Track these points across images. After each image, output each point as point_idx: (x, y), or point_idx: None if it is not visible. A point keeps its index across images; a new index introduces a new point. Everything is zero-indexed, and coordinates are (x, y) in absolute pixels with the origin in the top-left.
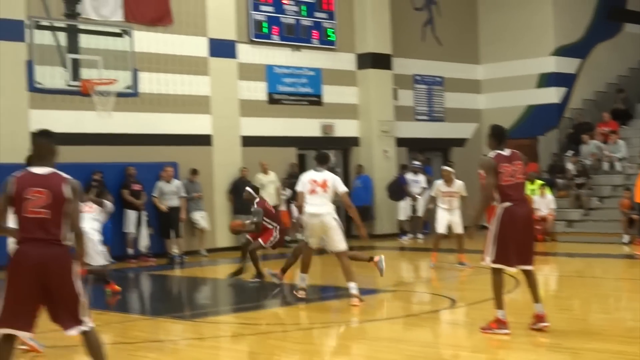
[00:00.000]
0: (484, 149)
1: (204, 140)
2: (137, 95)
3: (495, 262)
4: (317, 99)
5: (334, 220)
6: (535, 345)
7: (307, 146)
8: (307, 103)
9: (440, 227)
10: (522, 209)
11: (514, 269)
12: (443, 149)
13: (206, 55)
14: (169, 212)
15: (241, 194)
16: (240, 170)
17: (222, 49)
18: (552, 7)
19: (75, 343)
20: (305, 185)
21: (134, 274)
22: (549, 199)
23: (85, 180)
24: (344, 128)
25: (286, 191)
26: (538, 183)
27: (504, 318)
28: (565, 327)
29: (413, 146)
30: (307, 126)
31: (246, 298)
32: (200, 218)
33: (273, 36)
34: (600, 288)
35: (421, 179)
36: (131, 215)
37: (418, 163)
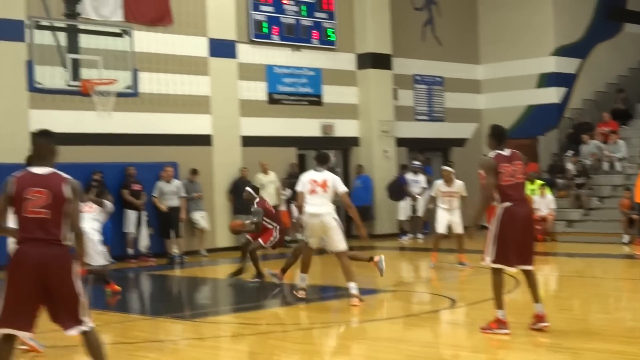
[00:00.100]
0: (484, 149)
1: (204, 140)
2: (137, 95)
3: (495, 262)
4: (317, 99)
5: (334, 220)
6: (535, 345)
7: (307, 146)
8: (307, 103)
9: (440, 227)
10: (522, 209)
11: (514, 269)
12: (443, 149)
13: (206, 55)
14: (169, 212)
15: (241, 194)
16: (240, 170)
17: (222, 49)
18: (552, 7)
19: (75, 343)
20: (305, 186)
21: (134, 274)
22: (549, 199)
23: (85, 180)
24: (344, 128)
25: (286, 191)
26: (538, 183)
27: (504, 318)
28: (565, 327)
29: (413, 146)
30: (307, 126)
31: (246, 298)
32: (200, 218)
33: (273, 36)
34: (600, 288)
35: (421, 179)
36: (131, 215)
37: (418, 163)
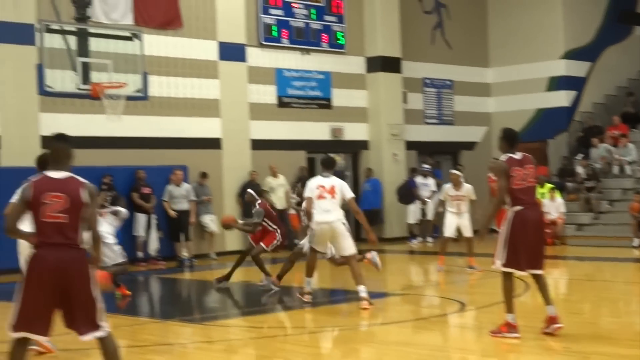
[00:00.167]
0: (494, 153)
1: (213, 143)
2: (147, 99)
3: (506, 266)
4: (327, 102)
5: (343, 225)
6: (545, 349)
7: (317, 149)
8: (317, 106)
9: (448, 231)
10: (533, 212)
11: (524, 273)
12: (453, 152)
13: (216, 58)
14: (179, 216)
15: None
16: (250, 173)
17: (232, 52)
18: (562, 10)
19: (85, 346)
20: (313, 191)
21: (143, 277)
22: (558, 203)
23: (95, 184)
24: (354, 131)
25: (295, 194)
26: (548, 186)
27: (513, 322)
28: (575, 331)
29: (422, 149)
30: (317, 129)
31: (255, 301)
32: (209, 221)
33: (283, 39)
34: (610, 292)
35: (431, 182)
36: (141, 219)
37: (427, 166)
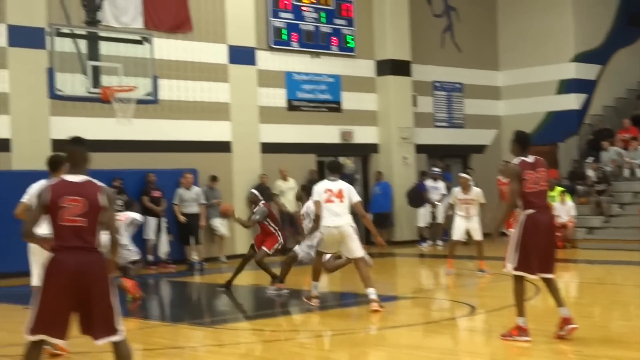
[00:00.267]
0: (504, 156)
1: (223, 147)
2: (157, 102)
3: (517, 270)
4: (337, 105)
5: (352, 228)
6: (556, 352)
7: (327, 153)
8: (327, 110)
9: (457, 234)
10: (545, 216)
11: (535, 277)
12: (462, 155)
13: (226, 62)
14: (189, 219)
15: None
16: (260, 177)
17: (242, 55)
18: (572, 14)
19: (98, 350)
20: (321, 195)
21: (153, 280)
22: (569, 206)
23: None
24: (363, 135)
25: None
26: (558, 190)
27: (524, 325)
28: (585, 334)
29: (432, 153)
30: (327, 133)
31: (265, 304)
32: (219, 225)
33: (292, 43)
34: (620, 295)
35: (441, 185)
36: (151, 222)
37: (438, 170)
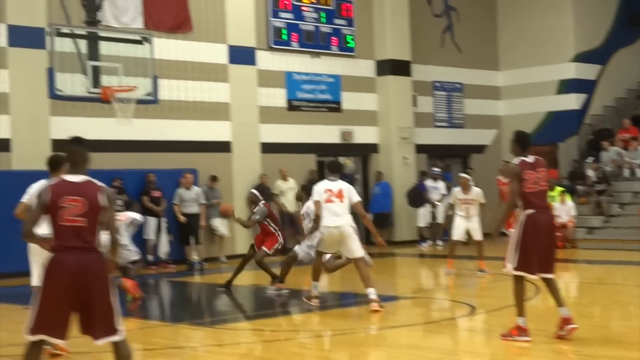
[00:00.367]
0: (504, 156)
1: (223, 147)
2: (157, 102)
3: (517, 270)
4: (337, 105)
5: (352, 228)
6: (556, 352)
7: (327, 153)
8: (327, 110)
9: (457, 234)
10: (545, 216)
11: (534, 277)
12: (463, 155)
13: (226, 62)
14: (189, 219)
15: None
16: (260, 177)
17: (242, 55)
18: (572, 14)
19: (98, 350)
20: (321, 195)
21: (153, 280)
22: (569, 206)
23: None
24: (363, 135)
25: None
26: (558, 190)
27: (524, 325)
28: (586, 334)
29: (432, 153)
30: (327, 133)
31: (265, 304)
32: (219, 225)
33: (292, 43)
34: (620, 295)
35: (441, 185)
36: (151, 222)
37: (438, 170)
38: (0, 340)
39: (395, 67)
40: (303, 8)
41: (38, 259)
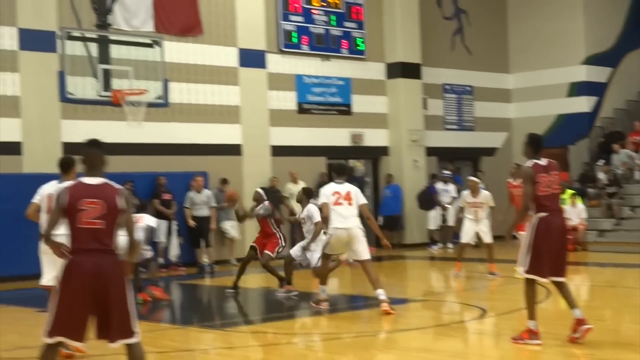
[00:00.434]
0: (514, 158)
1: (233, 150)
2: (168, 105)
3: (528, 273)
4: (347, 108)
5: (360, 230)
6: (567, 355)
7: (337, 156)
8: (337, 112)
9: (465, 237)
10: (558, 219)
11: (546, 280)
12: (473, 158)
13: (236, 65)
14: (199, 222)
15: (272, 203)
16: (270, 180)
17: (252, 59)
18: (583, 16)
19: (111, 352)
20: (329, 197)
21: (164, 283)
22: (580, 209)
23: None
24: (374, 137)
25: (317, 201)
26: (569, 192)
27: (535, 328)
28: (597, 338)
29: (443, 155)
30: (337, 136)
31: (275, 307)
32: (230, 227)
33: (302, 46)
34: (632, 298)
35: (451, 188)
36: (161, 225)
37: (448, 172)
38: (12, 343)
39: (406, 70)
40: (313, 11)
41: (49, 258)
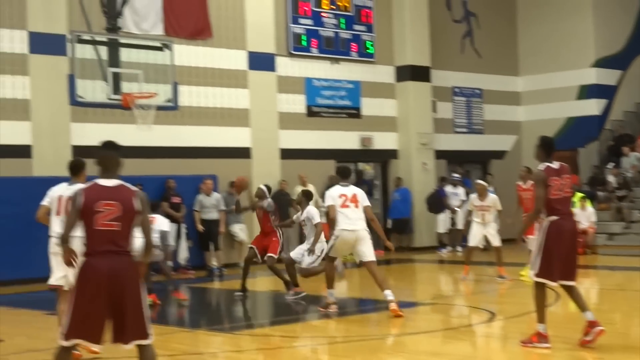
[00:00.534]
0: (524, 161)
1: (243, 153)
2: (177, 109)
3: (539, 276)
4: (356, 111)
5: (366, 232)
6: (576, 359)
7: (346, 159)
8: (346, 115)
9: (473, 241)
10: (569, 223)
11: (555, 284)
12: (482, 161)
13: (245, 68)
14: (209, 225)
15: (280, 206)
16: (279, 182)
17: (262, 62)
18: (593, 19)
19: (122, 355)
20: (335, 200)
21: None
22: (589, 212)
23: None
24: (383, 140)
25: (323, 203)
26: (579, 195)
27: (544, 332)
28: (606, 341)
29: (452, 159)
30: (346, 139)
31: (284, 310)
32: (239, 231)
33: (312, 49)
34: None
35: (460, 191)
36: (171, 228)
37: (457, 175)
38: (21, 345)
39: (415, 73)
40: (323, 14)
41: (59, 259)
